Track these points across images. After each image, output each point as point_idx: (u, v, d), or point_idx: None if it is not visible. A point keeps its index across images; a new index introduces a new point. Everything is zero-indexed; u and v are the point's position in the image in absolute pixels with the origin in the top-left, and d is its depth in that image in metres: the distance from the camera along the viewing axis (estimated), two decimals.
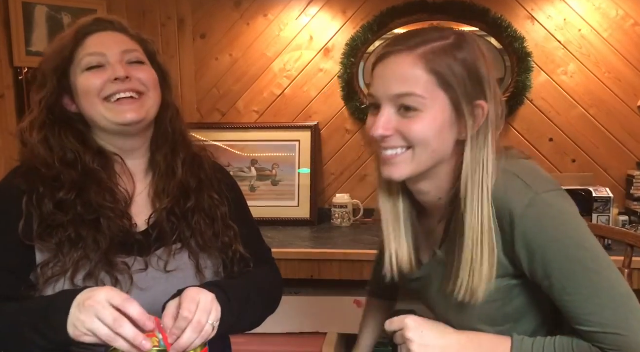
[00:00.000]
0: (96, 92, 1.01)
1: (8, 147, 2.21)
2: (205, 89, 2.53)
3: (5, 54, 2.18)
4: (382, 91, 0.90)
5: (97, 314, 0.82)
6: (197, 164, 1.12)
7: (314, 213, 2.42)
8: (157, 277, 1.02)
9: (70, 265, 0.96)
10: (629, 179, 2.27)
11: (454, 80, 0.87)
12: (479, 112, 0.89)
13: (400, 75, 0.88)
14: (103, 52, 1.02)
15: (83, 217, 0.98)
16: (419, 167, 0.91)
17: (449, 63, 0.87)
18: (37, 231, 0.97)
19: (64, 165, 1.01)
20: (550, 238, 0.84)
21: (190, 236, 1.06)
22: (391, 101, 0.89)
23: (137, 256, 1.02)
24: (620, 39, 2.28)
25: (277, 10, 2.46)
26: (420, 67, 0.87)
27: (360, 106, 2.41)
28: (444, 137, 0.89)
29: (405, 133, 0.89)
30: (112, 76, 1.01)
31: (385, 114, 0.90)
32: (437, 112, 0.88)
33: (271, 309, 1.16)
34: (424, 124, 0.88)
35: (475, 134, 0.89)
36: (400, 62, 0.88)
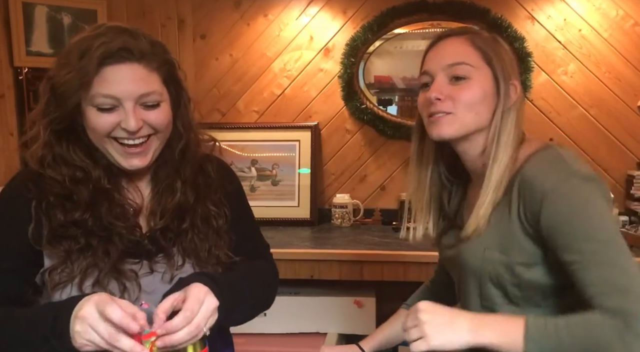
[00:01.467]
0: (105, 132, 0.96)
1: (8, 147, 2.21)
2: (205, 89, 2.53)
3: (5, 54, 2.18)
4: (437, 64, 1.05)
5: (92, 326, 0.82)
6: (200, 172, 1.10)
7: (314, 213, 2.42)
8: (162, 281, 1.02)
9: (78, 272, 0.96)
10: (629, 179, 2.27)
11: (494, 58, 1.04)
12: (512, 89, 1.05)
13: (453, 49, 1.05)
14: (118, 97, 0.94)
15: (95, 232, 0.98)
16: (462, 128, 1.04)
17: (490, 44, 1.05)
18: (46, 237, 0.96)
19: (75, 184, 0.99)
20: (573, 213, 0.91)
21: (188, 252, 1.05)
22: (444, 71, 1.04)
23: (143, 260, 1.02)
24: (620, 39, 2.28)
25: (277, 10, 2.46)
26: (469, 45, 1.05)
27: (360, 106, 2.41)
28: (486, 105, 1.04)
29: (454, 97, 1.02)
30: (122, 125, 0.95)
31: (438, 80, 1.04)
32: (483, 81, 1.03)
33: (265, 303, 1.16)
34: (472, 90, 1.02)
35: (507, 109, 1.04)
36: (451, 41, 1.06)
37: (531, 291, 1.01)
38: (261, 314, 1.10)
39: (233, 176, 1.22)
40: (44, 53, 2.23)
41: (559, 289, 1.00)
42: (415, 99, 2.42)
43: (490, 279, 1.04)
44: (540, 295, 1.01)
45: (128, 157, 0.99)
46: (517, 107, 1.05)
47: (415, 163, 1.18)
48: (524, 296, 1.01)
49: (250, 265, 1.12)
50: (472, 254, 1.05)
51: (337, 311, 2.01)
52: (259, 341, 1.94)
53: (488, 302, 1.06)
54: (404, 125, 2.40)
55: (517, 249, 0.99)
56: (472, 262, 1.06)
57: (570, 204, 0.92)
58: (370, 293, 2.05)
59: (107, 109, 0.95)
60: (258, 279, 1.13)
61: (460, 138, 1.06)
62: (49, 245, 0.96)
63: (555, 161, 0.97)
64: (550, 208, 0.92)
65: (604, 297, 0.86)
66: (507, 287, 1.02)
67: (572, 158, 0.98)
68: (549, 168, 0.96)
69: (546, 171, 0.96)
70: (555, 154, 0.99)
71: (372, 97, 2.45)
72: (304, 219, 2.41)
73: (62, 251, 0.96)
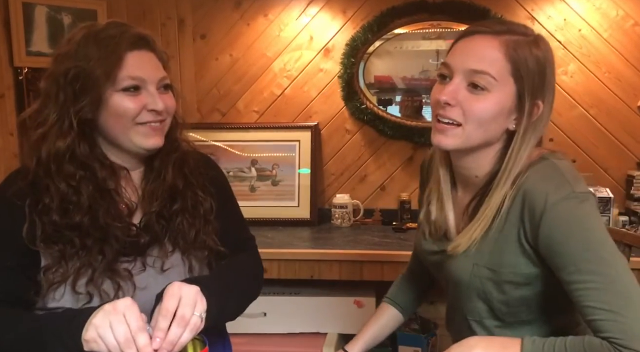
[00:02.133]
0: (131, 116, 1.00)
1: (8, 147, 2.21)
2: (205, 89, 2.53)
3: (5, 54, 2.18)
4: (460, 63, 0.96)
5: (112, 323, 0.82)
6: (184, 161, 1.13)
7: (314, 213, 2.42)
8: (154, 276, 1.03)
9: (72, 272, 0.96)
10: (629, 179, 2.27)
11: (525, 72, 0.94)
12: (535, 109, 0.97)
13: (481, 53, 0.95)
14: (144, 77, 1.00)
15: (90, 232, 0.99)
16: (467, 142, 0.97)
17: (525, 56, 0.94)
18: (40, 237, 0.97)
19: (76, 187, 0.99)
20: (573, 231, 0.89)
21: (176, 237, 1.07)
22: (465, 74, 0.95)
23: (136, 256, 1.03)
24: (620, 39, 2.28)
25: (277, 10, 2.46)
26: (501, 52, 0.94)
27: (360, 106, 2.41)
28: (498, 122, 0.96)
29: (466, 108, 0.95)
30: (149, 106, 1.00)
31: (455, 83, 0.96)
32: (502, 97, 0.95)
33: (252, 296, 1.16)
34: (487, 104, 0.94)
35: (526, 128, 0.97)
36: (484, 41, 0.95)
37: (518, 307, 1.00)
38: (261, 314, 1.10)
39: (213, 163, 1.24)
40: (44, 53, 2.23)
41: (546, 307, 1.00)
42: (415, 99, 2.45)
43: (477, 294, 1.02)
44: (526, 312, 1.00)
45: (151, 136, 1.03)
46: (536, 128, 0.98)
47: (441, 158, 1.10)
48: (510, 312, 1.00)
49: (232, 260, 1.13)
50: (459, 268, 1.03)
51: (337, 311, 2.01)
52: (258, 341, 1.94)
53: (473, 315, 1.05)
54: (404, 126, 2.40)
55: (508, 268, 0.97)
56: (459, 276, 1.03)
57: (570, 222, 0.89)
58: (370, 293, 2.05)
59: (133, 92, 1.00)
60: (242, 272, 1.13)
61: (462, 150, 1.00)
62: (43, 244, 0.97)
63: (553, 176, 0.94)
64: (549, 226, 0.90)
65: (602, 323, 0.84)
66: (493, 303, 1.01)
67: (569, 171, 0.95)
68: (548, 184, 0.93)
69: (546, 188, 0.92)
70: (553, 168, 0.95)
71: (372, 97, 2.45)
72: (304, 219, 2.41)
73: (56, 251, 0.96)
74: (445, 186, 1.09)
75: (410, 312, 1.32)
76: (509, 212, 0.96)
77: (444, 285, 1.14)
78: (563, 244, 0.89)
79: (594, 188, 2.06)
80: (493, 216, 0.97)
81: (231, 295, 1.04)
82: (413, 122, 2.40)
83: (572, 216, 0.90)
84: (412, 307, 1.32)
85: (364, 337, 1.25)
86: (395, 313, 1.30)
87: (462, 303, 1.06)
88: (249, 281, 1.15)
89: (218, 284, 1.00)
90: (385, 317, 1.29)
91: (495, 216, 0.97)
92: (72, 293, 0.96)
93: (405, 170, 2.47)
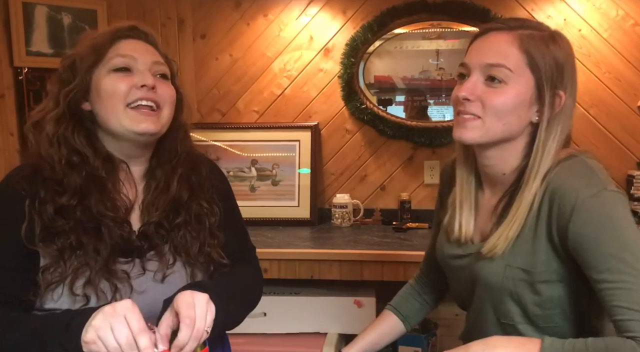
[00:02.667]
0: (122, 96, 1.00)
1: (8, 148, 2.21)
2: (205, 89, 2.53)
3: (5, 54, 2.18)
4: (476, 59, 0.98)
5: (112, 326, 0.82)
6: (193, 169, 1.12)
7: (314, 213, 2.42)
8: (153, 281, 1.03)
9: (70, 272, 0.96)
10: (629, 179, 2.27)
11: (542, 63, 0.95)
12: (557, 100, 0.97)
13: (496, 48, 0.96)
14: (135, 56, 1.02)
15: (84, 224, 0.98)
16: (488, 135, 0.97)
17: (540, 48, 0.95)
18: (39, 236, 0.97)
19: (69, 167, 1.00)
20: (604, 229, 0.88)
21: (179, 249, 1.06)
22: (481, 69, 0.97)
23: (135, 258, 1.02)
24: (620, 39, 2.28)
25: (277, 10, 2.46)
26: (515, 45, 0.95)
27: (360, 106, 2.41)
28: (520, 115, 0.96)
29: (485, 101, 0.96)
30: (139, 82, 1.01)
31: (473, 79, 0.97)
32: (521, 88, 0.95)
33: (251, 307, 1.16)
34: (506, 97, 0.95)
35: (549, 120, 0.96)
36: (498, 37, 0.97)
37: (551, 310, 0.98)
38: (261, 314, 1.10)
39: (224, 177, 1.24)
40: (44, 53, 2.23)
41: (581, 309, 0.98)
42: (415, 99, 2.45)
43: (510, 297, 1.00)
44: (561, 314, 0.98)
45: (142, 121, 1.01)
46: (560, 120, 0.97)
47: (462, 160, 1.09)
48: (544, 315, 0.98)
49: (234, 270, 1.13)
50: (491, 271, 1.01)
51: (337, 311, 2.01)
52: (259, 341, 1.94)
53: (506, 319, 1.02)
54: (404, 126, 2.40)
55: (541, 266, 0.96)
56: (490, 279, 1.01)
57: (601, 220, 0.89)
58: (370, 293, 2.04)
59: (122, 70, 1.01)
60: (243, 284, 1.13)
61: (484, 144, 1.00)
62: (42, 243, 0.96)
63: (584, 173, 0.93)
64: (579, 223, 0.89)
65: (631, 323, 0.83)
66: (527, 306, 0.99)
67: (600, 169, 0.94)
68: (579, 181, 0.92)
69: (576, 184, 0.92)
70: (583, 164, 0.95)
71: (372, 97, 2.45)
72: (304, 219, 2.41)
73: (54, 250, 0.96)
74: (469, 187, 1.08)
75: (413, 323, 1.30)
76: (540, 210, 0.96)
77: (463, 291, 1.11)
78: (593, 242, 0.88)
79: None
80: (526, 214, 0.96)
81: (233, 305, 1.03)
82: (413, 122, 2.40)
83: (603, 214, 0.89)
84: (415, 318, 1.30)
85: (362, 343, 1.22)
86: (396, 322, 1.27)
87: (494, 307, 1.03)
88: (249, 292, 1.15)
89: (222, 292, 0.99)
90: (387, 326, 1.27)
91: (527, 214, 0.96)
92: (70, 294, 0.96)
93: (405, 170, 2.47)
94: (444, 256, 1.14)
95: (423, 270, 1.32)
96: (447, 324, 2.12)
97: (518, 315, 1.00)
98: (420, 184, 2.46)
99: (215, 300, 0.93)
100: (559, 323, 0.99)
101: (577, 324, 0.99)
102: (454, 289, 1.18)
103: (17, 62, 2.19)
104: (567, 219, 0.91)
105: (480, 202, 1.09)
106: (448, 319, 2.11)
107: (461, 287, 1.12)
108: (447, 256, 1.13)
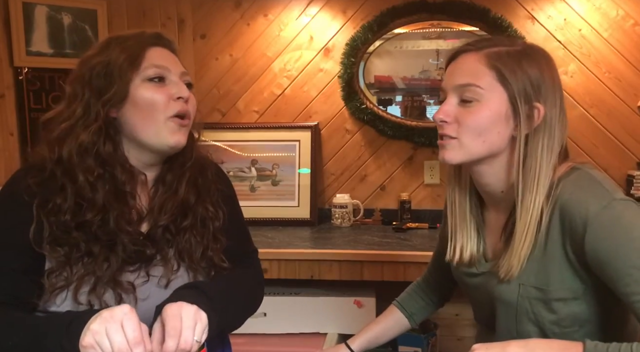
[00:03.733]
0: (162, 107, 0.98)
1: (8, 148, 2.21)
2: (205, 89, 2.53)
3: (5, 54, 2.18)
4: (449, 82, 1.00)
5: (108, 331, 0.81)
6: (200, 172, 1.11)
7: (314, 213, 2.42)
8: (156, 286, 1.02)
9: (75, 279, 0.95)
10: (629, 179, 2.27)
11: (513, 78, 0.95)
12: (535, 113, 0.96)
13: (466, 68, 0.98)
14: (168, 66, 1.02)
15: (98, 237, 0.97)
16: (469, 153, 0.98)
17: (510, 63, 0.96)
18: (47, 239, 0.95)
19: (95, 180, 0.97)
20: (621, 240, 0.87)
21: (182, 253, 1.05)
22: (455, 91, 0.99)
23: (141, 264, 1.01)
24: (620, 39, 2.28)
25: (277, 10, 2.46)
26: (483, 63, 0.96)
27: (360, 106, 2.41)
28: (498, 131, 0.97)
29: (460, 121, 0.97)
30: (175, 94, 1.00)
31: (449, 102, 0.99)
32: (494, 104, 0.96)
33: (252, 309, 1.16)
34: (480, 114, 0.96)
35: (530, 133, 0.96)
36: (467, 58, 0.99)
37: (570, 327, 0.96)
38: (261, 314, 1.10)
39: (229, 181, 1.23)
40: (44, 53, 2.23)
41: (601, 324, 0.97)
42: (415, 99, 2.45)
43: (527, 316, 0.99)
44: (581, 332, 0.96)
45: (177, 133, 1.01)
46: (545, 133, 0.96)
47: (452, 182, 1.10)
48: (562, 334, 0.96)
49: (237, 273, 1.12)
50: (506, 290, 1.00)
51: (337, 311, 2.01)
52: (259, 341, 1.94)
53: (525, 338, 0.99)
54: (404, 126, 2.40)
55: (555, 284, 0.95)
56: (506, 298, 1.00)
57: (616, 232, 0.87)
58: (370, 293, 2.04)
59: (158, 83, 1.00)
60: (244, 285, 1.13)
61: (470, 163, 1.00)
62: (49, 247, 0.95)
63: (590, 186, 0.92)
64: (594, 237, 0.88)
65: None
66: (545, 325, 0.97)
67: (605, 179, 0.94)
68: (587, 194, 0.91)
69: (585, 197, 0.91)
70: (588, 177, 0.94)
71: (372, 97, 2.45)
72: (304, 219, 2.41)
73: (61, 255, 0.95)
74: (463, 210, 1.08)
75: (418, 320, 1.31)
76: (549, 228, 0.94)
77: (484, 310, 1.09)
78: (612, 255, 0.87)
79: None
80: (535, 233, 0.95)
81: (232, 305, 1.03)
82: (413, 122, 2.40)
83: (617, 225, 0.88)
84: (420, 316, 1.31)
85: (366, 335, 1.25)
86: (401, 317, 1.29)
87: (512, 327, 1.01)
88: (249, 293, 1.15)
89: (220, 292, 0.99)
90: (391, 320, 1.29)
91: (537, 233, 0.95)
92: (73, 302, 0.95)
93: (405, 170, 2.47)
94: (458, 273, 1.13)
95: (430, 270, 1.33)
96: (447, 324, 2.13)
97: (536, 334, 0.98)
98: (420, 184, 2.46)
99: (211, 302, 0.93)
100: (584, 324, 0.97)
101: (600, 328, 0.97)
102: (476, 308, 1.16)
103: (17, 62, 2.19)
104: (581, 235, 0.89)
105: (487, 220, 1.09)
106: (448, 319, 2.12)
107: (482, 307, 1.11)
108: (461, 273, 1.12)
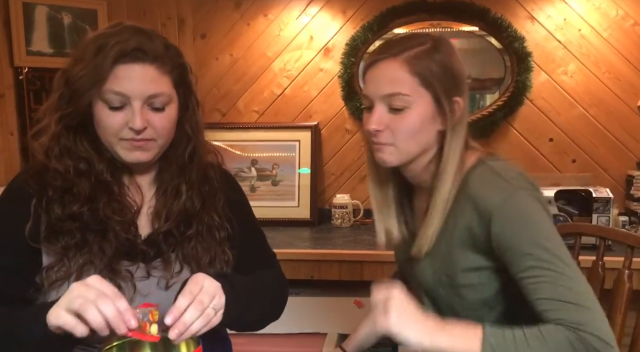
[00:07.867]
0: (113, 132, 0.98)
1: (8, 148, 2.21)
2: (206, 89, 2.53)
3: (5, 54, 2.18)
4: (374, 92, 1.03)
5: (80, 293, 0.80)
6: (205, 179, 1.10)
7: (314, 213, 2.42)
8: (157, 286, 1.02)
9: (75, 270, 0.96)
10: (629, 179, 2.27)
11: (433, 79, 1.00)
12: (456, 106, 1.02)
13: (389, 77, 1.01)
14: (128, 95, 0.95)
15: (90, 226, 0.99)
16: (407, 155, 1.04)
17: (428, 65, 1.00)
18: (44, 234, 0.97)
19: (77, 176, 1.00)
20: (521, 229, 0.93)
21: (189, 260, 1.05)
22: (382, 100, 1.02)
23: (140, 262, 1.02)
24: (620, 38, 2.28)
25: (277, 10, 2.46)
26: (404, 70, 1.00)
27: (360, 106, 2.41)
28: (427, 129, 1.03)
29: (394, 129, 1.01)
30: (129, 124, 0.97)
31: (378, 110, 1.03)
32: (422, 108, 1.01)
33: (276, 310, 1.16)
34: (411, 120, 1.01)
35: (453, 126, 1.02)
36: (387, 65, 1.01)
37: (480, 310, 1.03)
38: None
39: (236, 185, 1.22)
40: (44, 53, 2.23)
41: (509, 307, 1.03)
42: None
43: (443, 301, 1.06)
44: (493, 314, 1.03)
45: (133, 150, 0.99)
46: (462, 123, 1.04)
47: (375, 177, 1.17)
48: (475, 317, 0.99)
49: (259, 273, 1.12)
50: (424, 275, 1.08)
51: (337, 311, 2.01)
52: (259, 341, 1.94)
53: None
54: None
55: (461, 272, 1.01)
56: (425, 283, 1.08)
57: (516, 220, 0.94)
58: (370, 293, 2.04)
59: (116, 108, 0.97)
60: (268, 285, 1.13)
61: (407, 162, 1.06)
62: (46, 241, 0.97)
63: (492, 178, 0.98)
64: (498, 226, 0.94)
65: (555, 313, 0.88)
66: (460, 313, 1.04)
67: (507, 170, 0.99)
68: (489, 187, 0.97)
69: (488, 191, 0.97)
70: (489, 170, 1.00)
71: None
72: (304, 219, 2.41)
73: (59, 248, 0.97)
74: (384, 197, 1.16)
75: None
76: (457, 217, 1.00)
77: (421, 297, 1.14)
78: (512, 243, 0.93)
79: (594, 188, 2.05)
80: (444, 213, 1.02)
81: (253, 301, 1.02)
82: None
83: (517, 214, 0.94)
84: None
85: (359, 336, 1.27)
86: None
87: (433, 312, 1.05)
88: (275, 295, 1.15)
89: (245, 284, 1.00)
90: None
91: (444, 215, 1.02)
92: None
93: None
94: (397, 259, 1.22)
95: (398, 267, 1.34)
96: None
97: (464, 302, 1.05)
98: None
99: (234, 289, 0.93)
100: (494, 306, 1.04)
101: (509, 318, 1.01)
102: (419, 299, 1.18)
103: (18, 62, 2.20)
104: (487, 226, 0.96)
105: (418, 206, 1.14)
106: None
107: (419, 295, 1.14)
108: (397, 258, 1.21)
